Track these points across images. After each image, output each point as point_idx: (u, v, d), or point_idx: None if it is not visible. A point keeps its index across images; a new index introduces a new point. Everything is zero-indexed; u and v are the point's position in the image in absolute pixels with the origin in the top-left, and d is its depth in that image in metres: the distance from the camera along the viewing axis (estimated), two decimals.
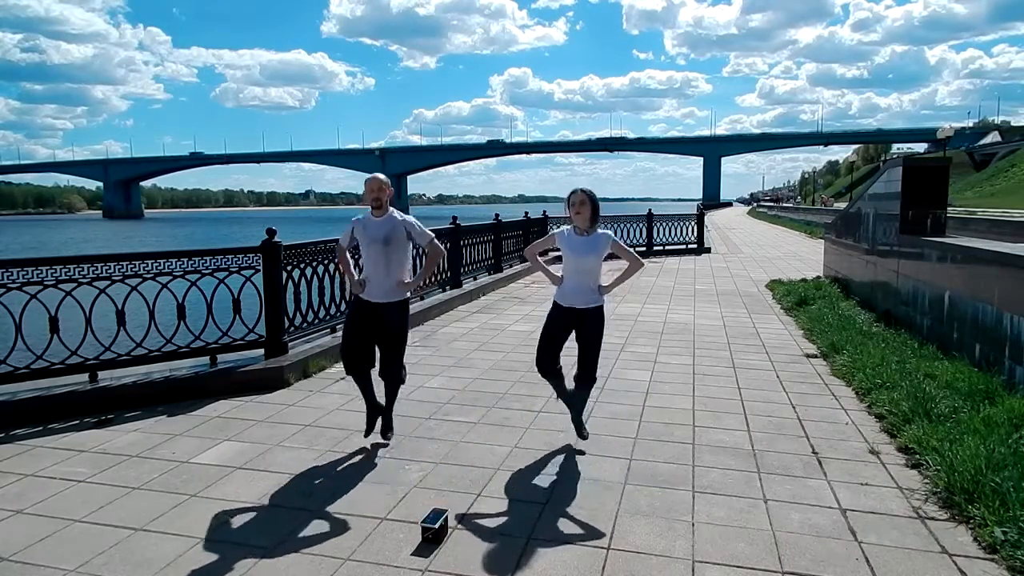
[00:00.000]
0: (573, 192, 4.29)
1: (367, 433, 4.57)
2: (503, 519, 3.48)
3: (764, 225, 43.37)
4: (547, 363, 4.45)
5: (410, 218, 4.49)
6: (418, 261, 6.00)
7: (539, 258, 4.67)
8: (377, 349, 4.49)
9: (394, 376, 4.53)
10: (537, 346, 4.47)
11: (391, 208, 4.46)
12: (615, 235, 4.42)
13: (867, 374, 5.69)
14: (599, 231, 4.31)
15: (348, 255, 4.68)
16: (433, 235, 4.56)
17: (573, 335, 4.41)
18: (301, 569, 3.02)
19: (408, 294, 4.52)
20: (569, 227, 4.36)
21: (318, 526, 3.41)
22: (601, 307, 4.37)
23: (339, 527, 3.40)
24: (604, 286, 4.36)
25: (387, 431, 4.59)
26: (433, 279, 9.59)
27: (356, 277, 4.56)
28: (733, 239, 27.02)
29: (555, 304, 4.41)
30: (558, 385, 4.56)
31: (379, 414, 4.63)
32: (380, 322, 4.42)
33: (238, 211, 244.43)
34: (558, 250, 4.42)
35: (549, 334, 4.42)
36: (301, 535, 3.32)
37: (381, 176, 4.47)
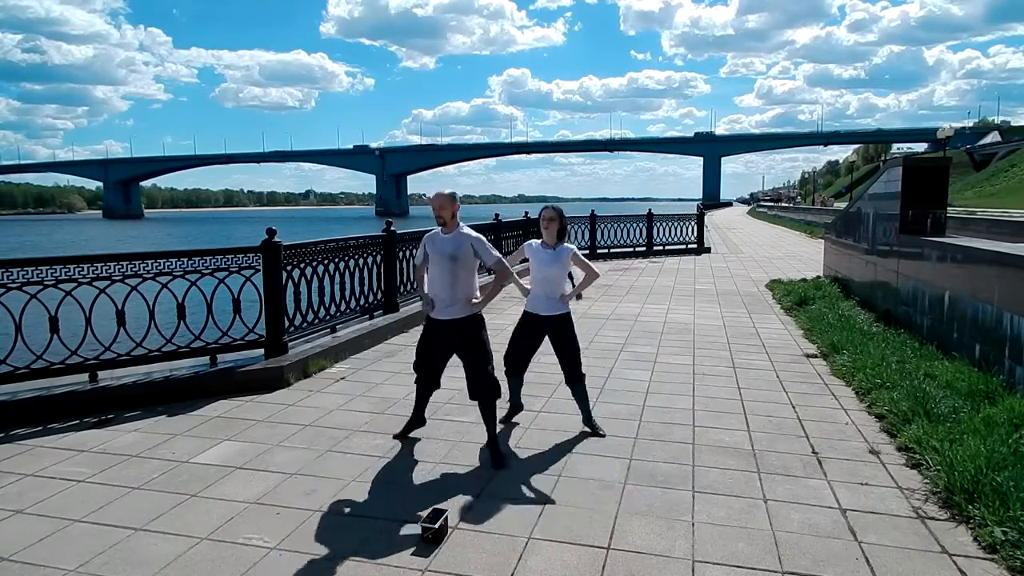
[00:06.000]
0: (545, 207, 4.81)
1: (398, 435, 4.62)
2: (503, 519, 3.47)
3: (764, 225, 43.37)
4: (515, 364, 4.85)
5: (479, 236, 4.31)
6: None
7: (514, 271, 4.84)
8: (463, 369, 4.36)
9: (484, 392, 4.27)
10: (506, 348, 4.84)
11: (460, 224, 4.31)
12: (585, 242, 4.68)
13: (867, 374, 5.70)
14: (564, 245, 4.74)
15: (423, 272, 4.49)
16: (500, 255, 4.38)
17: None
18: (301, 569, 3.02)
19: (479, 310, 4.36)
20: (539, 241, 4.82)
21: (318, 526, 3.41)
22: (566, 314, 4.75)
23: (339, 527, 3.40)
24: (565, 295, 4.72)
25: (499, 461, 4.19)
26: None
27: (426, 294, 4.40)
28: (733, 239, 27.02)
29: (524, 312, 4.83)
30: (515, 387, 4.95)
31: (420, 425, 4.70)
32: (455, 340, 4.30)
33: (238, 211, 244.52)
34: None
35: (518, 337, 4.82)
36: (301, 535, 3.32)
37: (445, 192, 4.26)
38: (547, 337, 4.77)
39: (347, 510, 3.58)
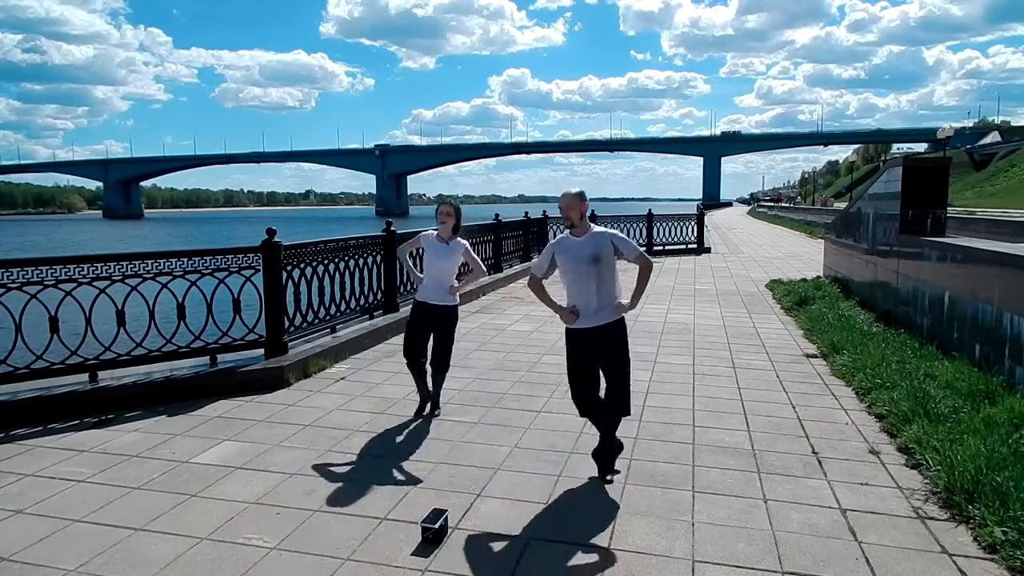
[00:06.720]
0: (442, 203, 5.03)
1: (603, 475, 4.01)
2: (503, 519, 3.47)
3: (764, 225, 43.37)
4: (412, 353, 5.06)
5: (616, 231, 4.04)
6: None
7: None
8: (602, 377, 4.01)
9: (621, 406, 3.97)
10: (404, 340, 5.15)
11: (591, 224, 3.98)
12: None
13: (867, 374, 5.69)
14: (457, 240, 5.02)
15: (541, 283, 4.11)
16: (642, 249, 4.10)
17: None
18: (301, 569, 3.02)
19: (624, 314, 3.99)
20: (435, 232, 5.08)
21: (318, 526, 3.41)
22: (453, 306, 5.08)
23: (339, 527, 3.40)
24: (454, 287, 5.04)
25: (607, 471, 3.98)
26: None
27: (563, 306, 3.96)
28: (733, 239, 27.02)
29: (414, 301, 5.14)
30: (418, 380, 5.13)
31: (611, 452, 4.11)
32: (605, 347, 3.93)
33: (238, 211, 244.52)
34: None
35: (411, 327, 5.10)
36: (301, 535, 3.32)
37: (572, 191, 3.91)
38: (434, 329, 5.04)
39: (347, 510, 3.58)
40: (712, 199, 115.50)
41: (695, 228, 20.08)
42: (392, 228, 8.46)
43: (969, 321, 5.92)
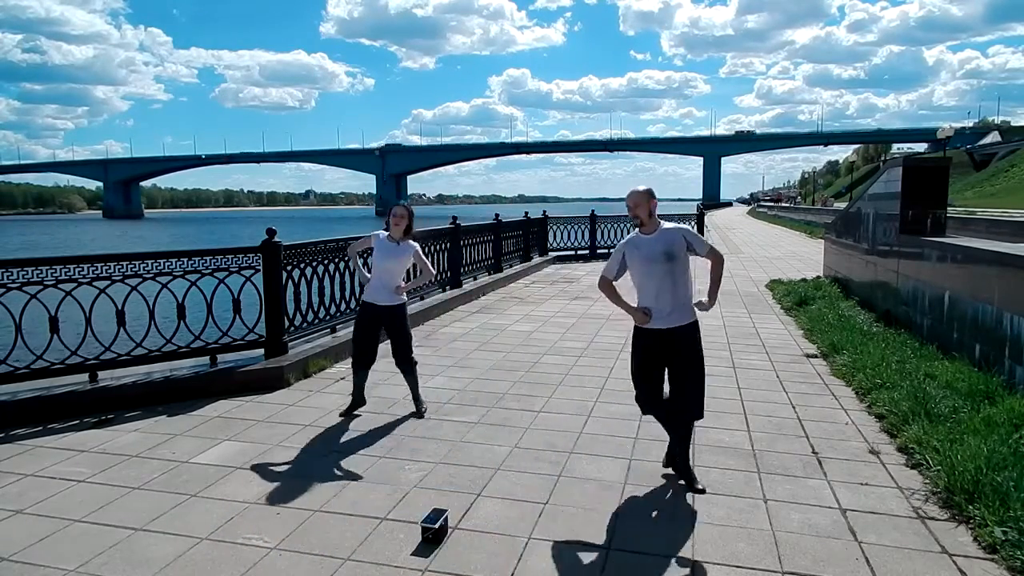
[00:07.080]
0: (396, 206, 5.12)
1: (691, 486, 3.85)
2: (503, 519, 3.48)
3: (764, 225, 43.35)
4: (361, 355, 5.07)
5: (687, 227, 3.86)
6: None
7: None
8: (669, 381, 3.87)
9: (696, 409, 3.92)
10: (352, 340, 5.14)
11: (661, 221, 3.89)
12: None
13: (867, 374, 5.69)
14: (408, 241, 5.05)
15: (616, 287, 3.96)
16: (711, 243, 3.91)
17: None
18: (301, 569, 3.03)
19: (698, 314, 3.90)
20: (386, 233, 5.10)
21: (318, 526, 3.41)
22: (401, 304, 5.08)
23: (339, 527, 3.40)
24: (400, 287, 5.04)
25: (694, 483, 3.80)
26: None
27: (634, 306, 3.85)
28: (733, 239, 27.01)
29: (362, 301, 5.16)
30: (361, 380, 5.13)
31: (677, 464, 3.98)
32: (677, 349, 3.81)
33: (238, 211, 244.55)
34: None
35: (359, 328, 5.11)
36: (301, 535, 3.32)
37: (640, 189, 3.84)
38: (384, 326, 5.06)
39: (347, 510, 3.58)
40: (712, 199, 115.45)
41: (695, 228, 20.08)
42: None
43: (969, 321, 5.92)
